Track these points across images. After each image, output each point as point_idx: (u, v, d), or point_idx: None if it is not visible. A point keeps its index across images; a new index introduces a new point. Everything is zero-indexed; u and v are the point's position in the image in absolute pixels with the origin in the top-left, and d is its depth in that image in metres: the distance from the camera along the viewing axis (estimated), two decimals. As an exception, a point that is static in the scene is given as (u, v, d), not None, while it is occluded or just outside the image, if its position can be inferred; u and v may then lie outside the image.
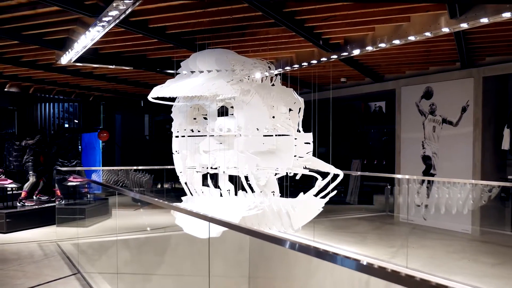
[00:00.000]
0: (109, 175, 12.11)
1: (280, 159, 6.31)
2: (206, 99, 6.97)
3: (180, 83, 6.98)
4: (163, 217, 11.75)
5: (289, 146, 6.27)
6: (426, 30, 6.88)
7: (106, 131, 15.49)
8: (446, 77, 10.45)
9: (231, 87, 6.29)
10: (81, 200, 11.38)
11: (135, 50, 9.13)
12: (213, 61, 6.74)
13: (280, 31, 7.68)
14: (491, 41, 8.49)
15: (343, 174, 6.53)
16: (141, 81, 12.90)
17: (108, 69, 10.83)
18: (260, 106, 6.24)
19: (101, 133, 15.23)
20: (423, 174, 10.92)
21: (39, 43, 8.02)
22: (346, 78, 12.11)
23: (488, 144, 9.96)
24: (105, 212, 11.71)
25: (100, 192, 13.37)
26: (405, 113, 11.47)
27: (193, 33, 7.84)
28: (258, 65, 6.57)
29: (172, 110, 7.70)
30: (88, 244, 9.06)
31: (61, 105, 16.33)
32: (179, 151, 7.57)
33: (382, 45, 7.64)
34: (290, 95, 6.50)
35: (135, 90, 14.73)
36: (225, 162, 6.81)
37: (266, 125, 6.25)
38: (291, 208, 6.51)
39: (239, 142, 6.41)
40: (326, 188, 6.59)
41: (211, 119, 7.05)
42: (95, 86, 13.72)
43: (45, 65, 10.28)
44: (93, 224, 10.80)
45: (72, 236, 9.44)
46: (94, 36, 7.10)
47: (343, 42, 8.25)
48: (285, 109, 6.41)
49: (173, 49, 8.85)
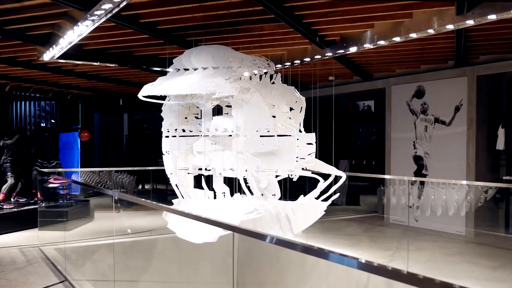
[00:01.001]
0: (91, 176, 11.68)
1: (282, 160, 6.01)
2: (201, 97, 6.65)
3: (174, 81, 6.65)
4: (147, 219, 11.41)
5: (291, 147, 5.98)
6: (429, 27, 6.65)
7: (87, 131, 15.01)
8: (438, 76, 10.28)
9: (230, 85, 5.98)
10: (62, 202, 10.94)
11: (121, 47, 8.75)
12: (210, 58, 6.41)
13: (276, 27, 7.40)
14: (488, 39, 8.33)
15: (345, 176, 6.27)
16: (122, 79, 12.49)
17: (91, 66, 10.42)
18: (261, 105, 5.94)
19: (82, 133, 14.76)
20: (415, 174, 10.74)
21: (22, 38, 7.60)
22: (334, 77, 11.88)
23: (482, 144, 9.81)
24: (87, 215, 11.32)
25: (80, 194, 12.96)
26: (395, 112, 11.27)
27: (184, 29, 7.52)
28: (258, 62, 6.27)
29: (162, 109, 7.36)
30: (72, 249, 8.66)
31: (38, 103, 15.79)
32: (169, 152, 7.24)
33: (381, 42, 7.41)
34: (292, 93, 6.21)
35: (115, 88, 14.30)
36: (222, 163, 6.50)
37: (267, 125, 5.95)
38: (291, 212, 6.23)
39: (238, 143, 6.09)
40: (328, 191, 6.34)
41: (206, 119, 6.73)
42: (74, 84, 13.26)
43: (25, 62, 9.82)
44: (75, 228, 10.39)
45: (55, 240, 9.04)
46: (82, 31, 6.73)
47: (339, 39, 7.99)
48: (286, 108, 6.11)
49: (162, 45, 8.52)
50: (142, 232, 10.08)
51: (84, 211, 11.26)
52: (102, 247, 9.10)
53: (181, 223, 6.88)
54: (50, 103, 16.26)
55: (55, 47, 7.77)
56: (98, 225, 10.88)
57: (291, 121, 6.11)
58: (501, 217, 9.65)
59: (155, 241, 9.63)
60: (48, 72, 10.82)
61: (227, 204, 6.48)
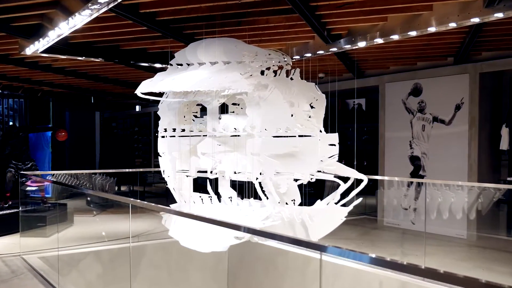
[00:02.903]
0: (68, 179, 10.95)
1: (302, 163, 5.52)
2: (206, 94, 6.12)
3: (178, 77, 6.09)
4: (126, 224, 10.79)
5: (313, 148, 5.50)
6: (451, 20, 6.26)
7: (65, 130, 14.18)
8: (437, 73, 9.94)
9: (247, 80, 5.46)
10: (42, 206, 10.21)
11: (109, 40, 8.13)
12: (221, 52, 5.87)
13: (283, 20, 6.93)
14: (496, 35, 8.01)
15: (367, 179, 5.83)
16: (100, 75, 11.79)
17: (70, 62, 9.74)
18: (281, 103, 5.44)
19: (59, 132, 13.91)
20: (411, 175, 10.39)
21: (6, 29, 6.91)
22: (324, 74, 11.43)
23: (484, 144, 9.51)
24: (65, 219, 10.60)
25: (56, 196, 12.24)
26: (390, 111, 10.89)
27: (184, 21, 6.98)
28: (273, 56, 5.76)
29: (159, 107, 6.80)
30: (57, 257, 8.00)
31: (5, 101, 14.90)
32: (168, 153, 6.69)
33: (395, 37, 7.00)
34: (312, 90, 5.72)
35: (90, 85, 13.55)
36: (232, 166, 5.97)
37: (287, 125, 5.45)
38: (308, 218, 5.75)
39: (254, 144, 5.57)
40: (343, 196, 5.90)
41: (212, 117, 6.20)
42: (48, 80, 12.48)
43: (2, 56, 9.07)
44: (55, 233, 9.68)
45: (36, 248, 8.39)
46: (77, 22, 6.12)
47: (346, 33, 7.56)
48: (308, 107, 5.63)
49: (153, 39, 7.96)
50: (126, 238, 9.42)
51: (63, 215, 10.54)
52: (89, 254, 8.47)
53: (185, 230, 6.34)
54: (19, 101, 15.39)
55: (42, 40, 7.12)
56: (79, 230, 10.20)
57: (312, 120, 5.63)
58: (502, 220, 9.38)
59: (143, 247, 9.01)
60: (23, 68, 10.06)
61: (241, 210, 5.96)
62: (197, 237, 6.09)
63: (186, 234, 6.27)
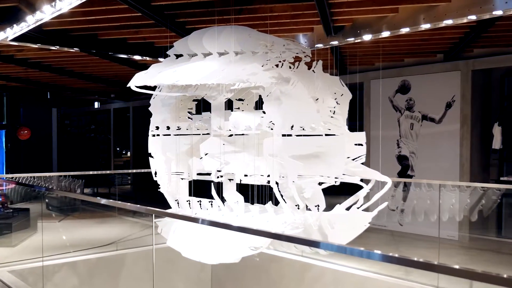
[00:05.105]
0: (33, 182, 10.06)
1: (328, 164, 5.00)
2: (211, 89, 5.54)
3: (180, 69, 5.47)
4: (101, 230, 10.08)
5: (339, 148, 4.99)
6: (472, 12, 5.88)
7: (28, 128, 13.12)
8: (426, 70, 9.62)
9: (267, 73, 4.90)
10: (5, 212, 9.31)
11: (87, 28, 7.40)
12: (233, 41, 5.27)
13: (288, 8, 6.42)
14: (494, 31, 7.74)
15: (391, 182, 5.37)
16: (66, 68, 10.94)
17: (36, 53, 8.89)
18: (305, 98, 4.90)
19: (21, 130, 12.87)
20: (398, 175, 10.05)
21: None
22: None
23: (476, 143, 9.25)
24: (27, 226, 9.72)
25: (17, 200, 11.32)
26: (375, 108, 10.50)
27: (182, 7, 6.35)
28: (292, 46, 5.22)
29: (150, 102, 6.16)
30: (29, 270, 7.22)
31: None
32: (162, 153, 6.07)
33: (405, 29, 6.58)
34: (337, 84, 5.23)
35: (49, 79, 12.59)
36: (242, 168, 5.41)
37: (312, 123, 4.93)
38: (328, 224, 5.25)
39: (273, 144, 5.01)
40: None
41: (217, 114, 5.61)
42: (5, 73, 11.52)
43: (-38, 44, 8.18)
44: (20, 242, 8.84)
45: (2, 259, 7.54)
46: (63, 6, 5.42)
47: (350, 25, 7.10)
48: (333, 103, 5.12)
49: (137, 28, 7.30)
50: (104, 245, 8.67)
51: (25, 221, 9.66)
52: (64, 266, 7.71)
53: (188, 241, 5.72)
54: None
55: (16, 26, 6.34)
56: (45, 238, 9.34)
57: (339, 117, 5.13)
58: (496, 221, 9.13)
59: (122, 256, 8.30)
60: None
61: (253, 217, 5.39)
62: (203, 247, 5.50)
63: (189, 243, 5.66)
